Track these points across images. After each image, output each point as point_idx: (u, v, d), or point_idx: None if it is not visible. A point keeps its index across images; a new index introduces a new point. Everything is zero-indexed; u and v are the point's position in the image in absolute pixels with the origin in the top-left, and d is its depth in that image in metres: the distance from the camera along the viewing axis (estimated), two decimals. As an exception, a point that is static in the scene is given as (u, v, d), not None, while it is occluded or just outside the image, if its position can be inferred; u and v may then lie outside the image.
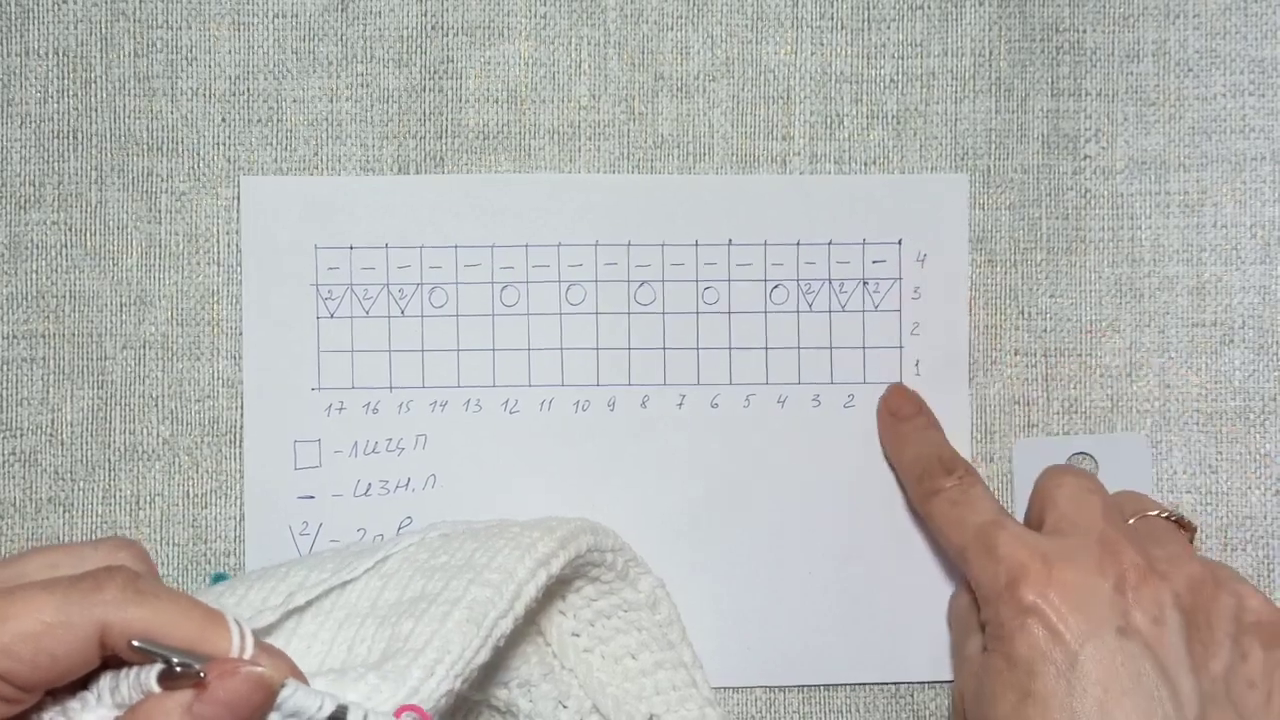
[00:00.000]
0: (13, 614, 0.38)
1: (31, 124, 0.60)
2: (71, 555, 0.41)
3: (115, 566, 0.40)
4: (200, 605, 0.39)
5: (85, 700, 0.40)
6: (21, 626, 0.37)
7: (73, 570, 0.40)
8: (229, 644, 0.39)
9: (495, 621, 0.47)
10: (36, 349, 0.60)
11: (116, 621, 0.38)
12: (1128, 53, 0.61)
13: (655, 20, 0.61)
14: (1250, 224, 0.61)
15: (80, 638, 0.38)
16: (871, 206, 0.61)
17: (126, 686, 0.39)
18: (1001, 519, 0.54)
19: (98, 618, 0.38)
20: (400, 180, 0.61)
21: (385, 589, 0.49)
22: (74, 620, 0.38)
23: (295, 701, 0.39)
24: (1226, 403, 0.61)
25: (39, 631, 0.37)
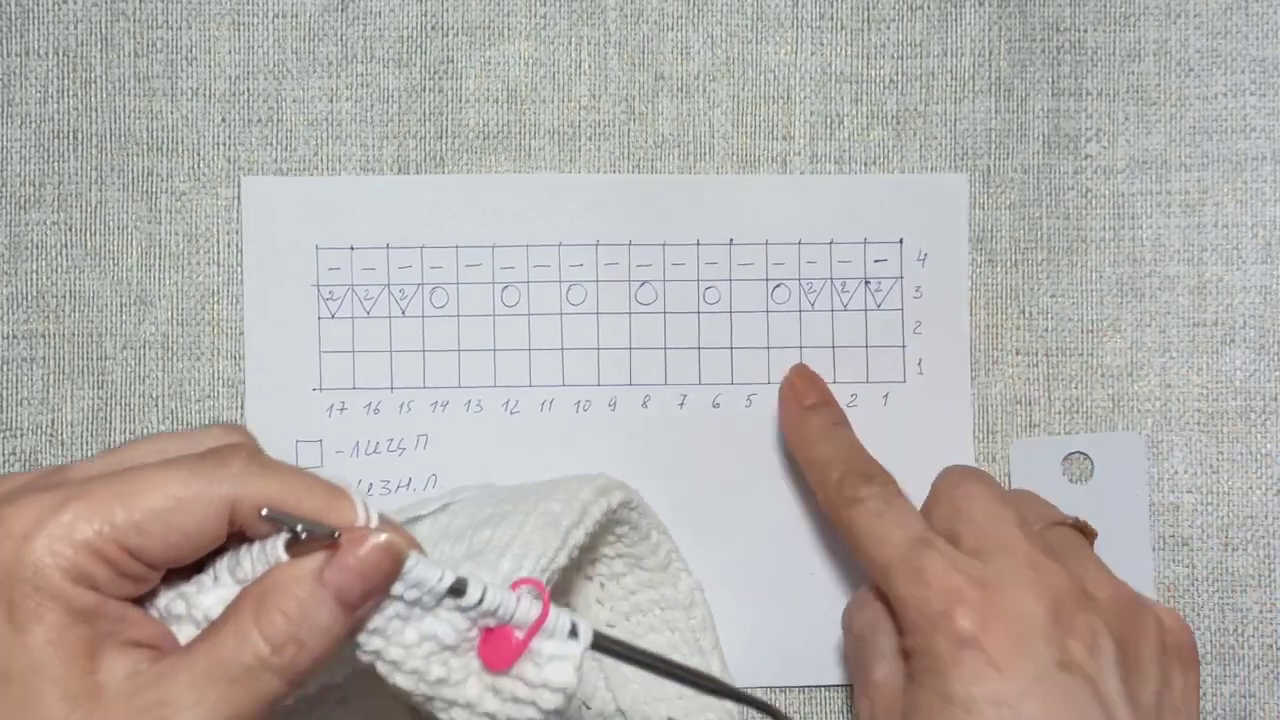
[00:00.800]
0: (140, 490, 0.38)
1: (31, 124, 0.60)
2: (181, 440, 0.41)
3: (235, 443, 0.40)
4: (323, 479, 0.40)
5: (202, 583, 0.40)
6: (151, 502, 0.37)
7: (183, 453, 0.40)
8: (354, 515, 0.39)
9: (569, 530, 0.47)
10: (36, 349, 0.60)
11: (244, 494, 0.38)
12: (1128, 52, 0.61)
13: (655, 20, 0.61)
14: (1251, 224, 0.61)
15: (210, 512, 0.38)
16: (872, 206, 0.61)
17: (249, 561, 0.39)
18: (928, 536, 0.50)
19: (226, 492, 0.38)
20: (400, 180, 0.61)
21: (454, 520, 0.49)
22: (203, 494, 0.38)
23: (418, 573, 0.39)
24: (1227, 402, 0.61)
25: (169, 507, 0.38)
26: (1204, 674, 0.61)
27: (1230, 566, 0.61)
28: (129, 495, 0.37)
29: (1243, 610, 0.61)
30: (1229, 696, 0.61)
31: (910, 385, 0.61)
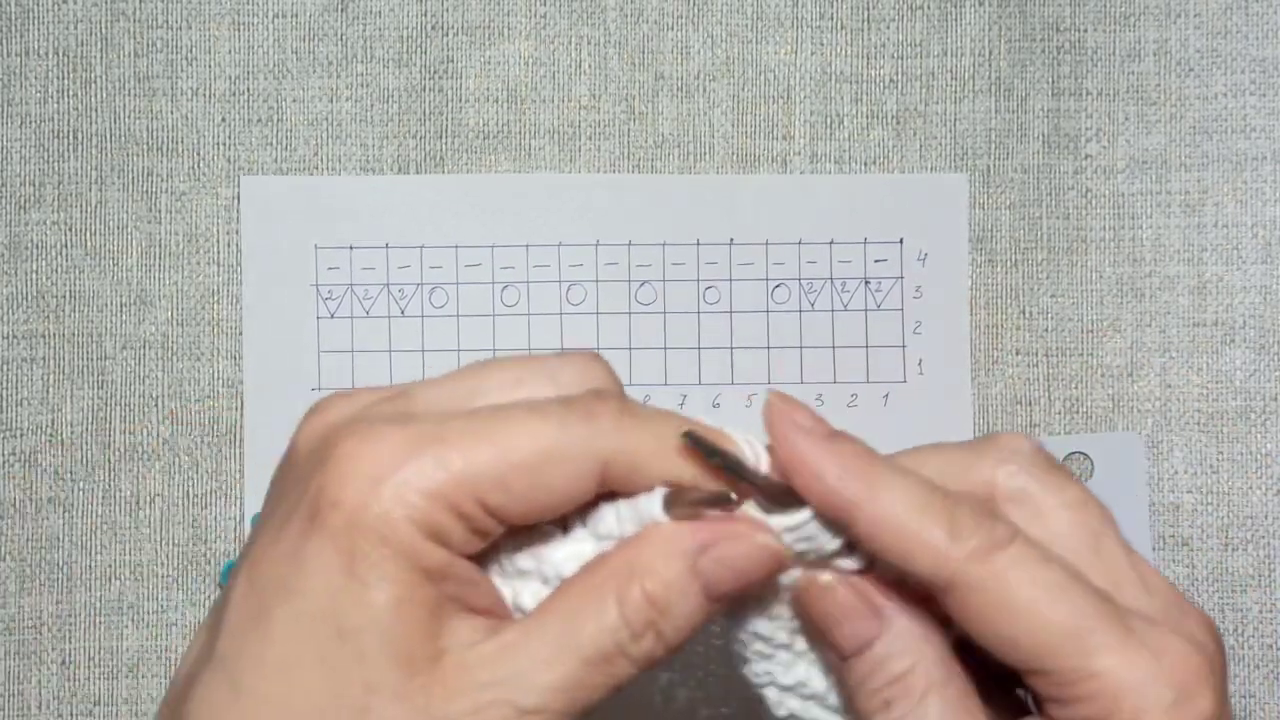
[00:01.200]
0: (508, 440, 0.33)
1: (31, 124, 0.60)
2: (536, 371, 0.36)
3: (602, 390, 0.35)
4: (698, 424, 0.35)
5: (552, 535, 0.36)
6: (519, 455, 0.33)
7: (541, 390, 0.35)
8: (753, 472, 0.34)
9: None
10: (36, 349, 0.60)
11: (619, 451, 0.34)
12: (1128, 52, 0.61)
13: (655, 20, 0.61)
14: (1251, 224, 0.61)
15: (582, 470, 0.34)
16: (872, 206, 0.61)
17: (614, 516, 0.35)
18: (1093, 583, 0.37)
19: (599, 447, 0.34)
20: (400, 180, 0.61)
21: None
22: (575, 449, 0.33)
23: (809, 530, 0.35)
24: (1227, 403, 0.61)
25: (538, 462, 0.33)
26: (1204, 674, 0.61)
27: (1230, 566, 0.61)
28: (495, 444, 0.33)
29: (1243, 610, 0.61)
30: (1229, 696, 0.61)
31: (910, 385, 0.61)
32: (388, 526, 0.32)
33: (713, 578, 0.34)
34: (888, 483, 0.34)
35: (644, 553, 0.34)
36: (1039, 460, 0.37)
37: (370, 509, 0.32)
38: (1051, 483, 0.37)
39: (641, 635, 0.34)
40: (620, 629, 0.34)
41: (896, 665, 0.35)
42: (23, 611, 0.59)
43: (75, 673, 0.60)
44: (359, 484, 0.33)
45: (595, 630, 0.34)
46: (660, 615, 0.34)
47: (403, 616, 0.33)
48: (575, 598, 0.34)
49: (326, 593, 0.33)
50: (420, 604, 0.33)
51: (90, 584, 0.60)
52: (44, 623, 0.60)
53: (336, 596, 0.33)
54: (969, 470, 0.37)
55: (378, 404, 0.35)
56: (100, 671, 0.60)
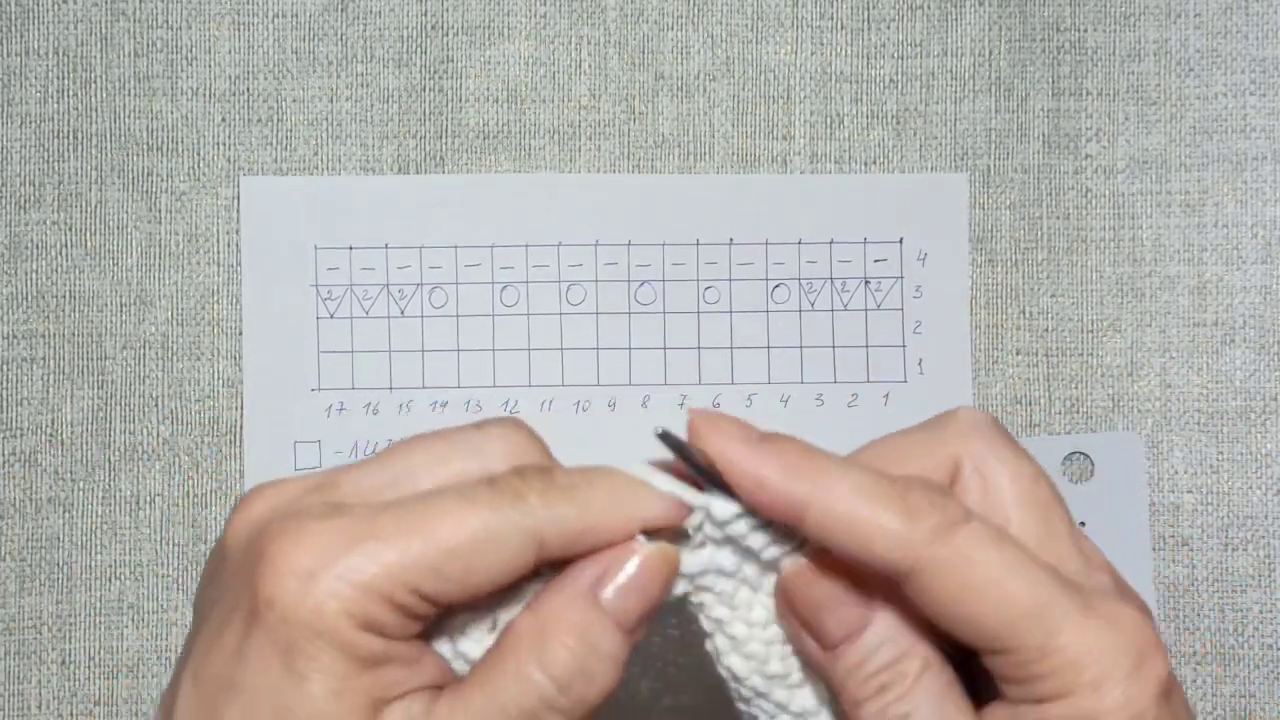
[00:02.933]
0: (435, 527, 0.34)
1: (31, 124, 0.60)
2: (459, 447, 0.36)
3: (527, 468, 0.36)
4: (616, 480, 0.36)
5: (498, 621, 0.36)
6: (450, 543, 0.33)
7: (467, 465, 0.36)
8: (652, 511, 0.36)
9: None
10: (36, 349, 0.60)
11: (550, 528, 0.34)
12: (1128, 52, 0.61)
13: (655, 20, 0.61)
14: (1251, 224, 0.61)
15: (513, 552, 0.34)
16: (872, 206, 0.61)
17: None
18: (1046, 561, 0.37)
19: (528, 529, 0.34)
20: (400, 180, 0.61)
21: None
22: (507, 532, 0.34)
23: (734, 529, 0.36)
24: (1227, 403, 0.61)
25: (470, 549, 0.34)
26: (1204, 674, 0.61)
27: (1230, 566, 0.61)
28: (425, 534, 0.34)
29: (1243, 610, 0.61)
30: (1229, 697, 0.61)
31: (910, 385, 0.61)
32: (321, 621, 0.33)
33: (619, 605, 0.35)
34: (833, 476, 0.34)
35: (548, 604, 0.35)
36: (994, 434, 0.37)
37: (304, 605, 0.33)
38: (1006, 456, 0.36)
39: (570, 686, 0.34)
40: (546, 686, 0.34)
41: (890, 651, 0.35)
42: (23, 611, 0.60)
43: (75, 673, 0.60)
44: (292, 582, 0.33)
45: (518, 693, 0.34)
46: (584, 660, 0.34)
47: (342, 708, 0.33)
48: (496, 665, 0.35)
49: (268, 689, 0.33)
50: (358, 693, 0.34)
51: (90, 584, 0.60)
52: (44, 623, 0.60)
53: (278, 692, 0.33)
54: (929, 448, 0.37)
55: (305, 496, 0.36)
56: (100, 671, 0.60)
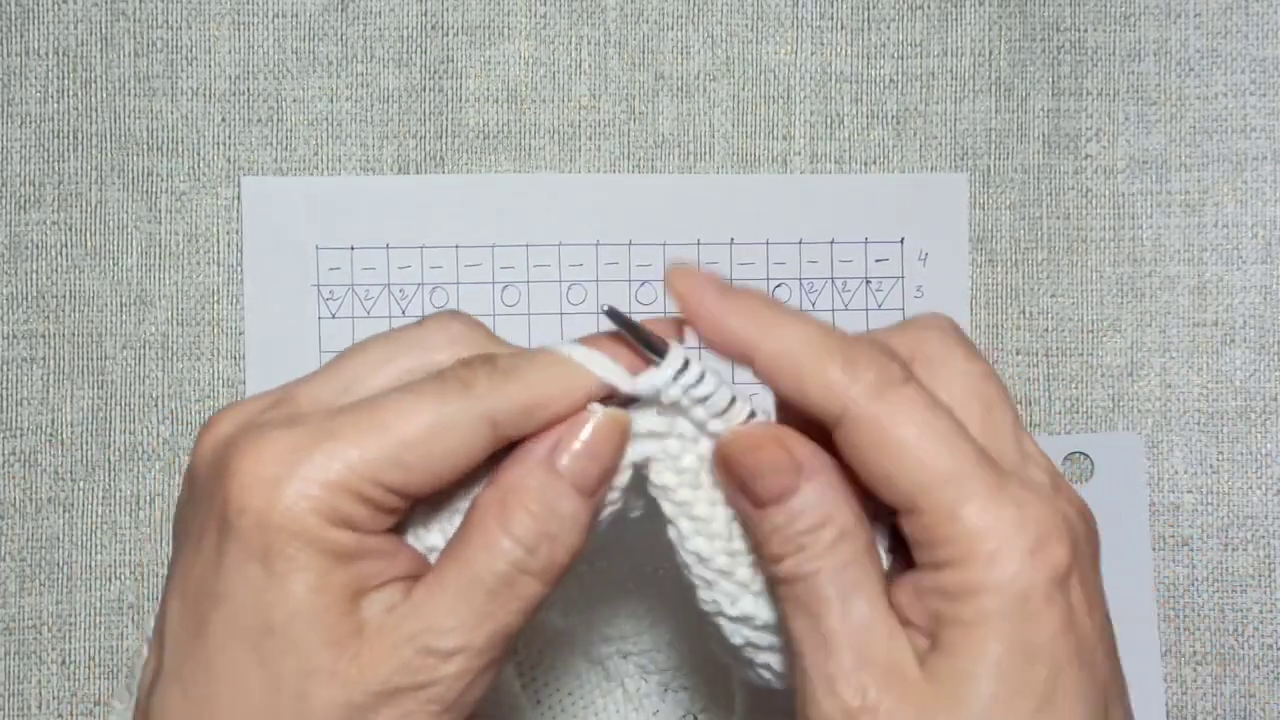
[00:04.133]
0: (391, 423, 0.35)
1: (32, 124, 0.60)
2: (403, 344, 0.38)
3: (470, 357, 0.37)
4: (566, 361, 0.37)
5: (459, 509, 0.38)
6: (406, 434, 0.35)
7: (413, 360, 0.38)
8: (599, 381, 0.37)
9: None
10: (36, 349, 0.60)
11: (500, 408, 0.36)
12: (1129, 52, 0.61)
13: (655, 20, 0.61)
14: (1251, 224, 0.61)
15: (470, 434, 0.36)
16: (873, 206, 0.61)
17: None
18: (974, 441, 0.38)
19: (480, 413, 0.36)
20: (401, 180, 0.61)
21: None
22: (459, 418, 0.36)
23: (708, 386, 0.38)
24: (1228, 403, 0.61)
25: (426, 436, 0.35)
26: (1204, 674, 0.61)
27: (1230, 566, 0.61)
28: (380, 427, 0.35)
29: (1243, 610, 0.61)
30: (1229, 697, 0.61)
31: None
32: (294, 522, 0.35)
33: (574, 469, 0.36)
34: (786, 323, 0.36)
35: (507, 475, 0.36)
36: (953, 334, 0.38)
37: (275, 509, 0.35)
38: (959, 354, 0.38)
39: (537, 548, 0.36)
40: (514, 550, 0.36)
41: (812, 515, 0.36)
42: (23, 611, 0.59)
43: (75, 673, 0.60)
44: (261, 488, 0.35)
45: (489, 561, 0.36)
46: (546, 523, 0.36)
47: (322, 603, 0.35)
48: (466, 540, 0.36)
49: (249, 593, 0.35)
50: (337, 586, 0.35)
51: (90, 584, 0.60)
52: (44, 622, 0.60)
53: (259, 595, 0.35)
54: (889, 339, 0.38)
55: (264, 411, 0.37)
56: (100, 671, 0.60)
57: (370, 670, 0.35)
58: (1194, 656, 0.61)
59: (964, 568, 0.34)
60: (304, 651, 0.35)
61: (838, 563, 0.36)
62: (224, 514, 0.35)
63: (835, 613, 0.36)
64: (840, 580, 0.36)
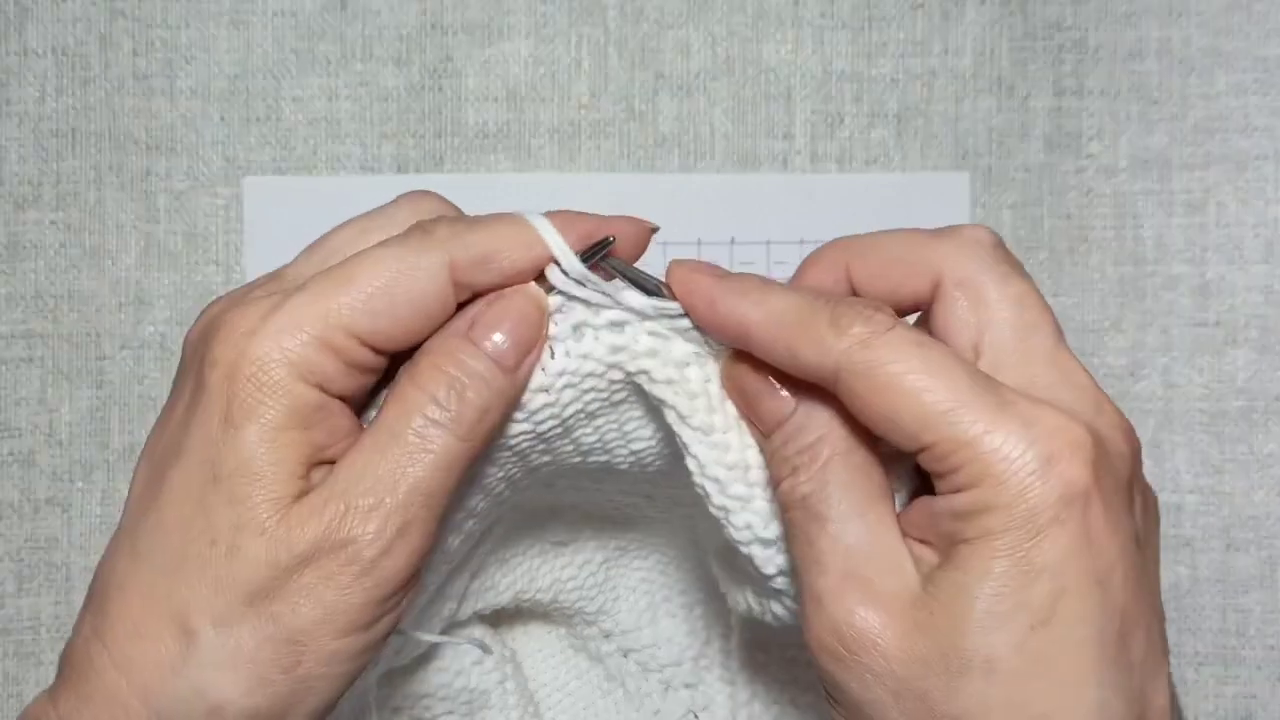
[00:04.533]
0: (358, 273, 0.37)
1: (29, 123, 0.60)
2: (376, 219, 0.40)
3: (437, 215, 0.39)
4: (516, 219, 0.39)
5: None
6: (372, 281, 0.37)
7: (386, 233, 0.39)
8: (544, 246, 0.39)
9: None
10: (34, 349, 0.60)
11: (459, 253, 0.37)
12: (1130, 51, 0.61)
13: (655, 19, 0.61)
14: (1254, 223, 0.61)
15: (432, 277, 0.37)
16: (874, 205, 0.61)
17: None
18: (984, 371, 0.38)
19: (441, 256, 0.37)
20: (401, 180, 0.60)
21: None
22: (421, 263, 0.37)
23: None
24: (1230, 403, 0.61)
25: (390, 281, 0.37)
26: (1206, 675, 0.61)
27: (1233, 567, 0.61)
28: (347, 279, 0.37)
29: (1245, 611, 0.61)
30: (1231, 698, 0.61)
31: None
32: (264, 372, 0.36)
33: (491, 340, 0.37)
34: (774, 296, 0.38)
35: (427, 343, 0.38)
36: (994, 252, 0.39)
37: (246, 358, 0.36)
38: (998, 274, 0.38)
39: (446, 400, 0.37)
40: (423, 400, 0.37)
41: (805, 437, 0.37)
42: (21, 612, 0.59)
43: (73, 674, 0.59)
44: (235, 340, 0.36)
45: (402, 414, 0.37)
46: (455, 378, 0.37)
47: (269, 457, 0.36)
48: (385, 403, 0.37)
49: (206, 443, 0.36)
50: (289, 445, 0.36)
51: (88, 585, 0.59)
52: (42, 623, 0.59)
53: (214, 445, 0.36)
54: (924, 251, 0.39)
55: (250, 288, 0.39)
56: (98, 673, 0.60)
57: (296, 531, 0.35)
58: (1196, 657, 0.61)
59: (978, 491, 0.35)
60: (242, 505, 0.36)
61: (831, 482, 0.37)
62: (199, 371, 0.36)
63: (827, 532, 0.36)
64: (833, 500, 0.36)
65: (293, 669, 0.36)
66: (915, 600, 0.35)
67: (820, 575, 0.36)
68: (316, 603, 0.35)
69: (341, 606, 0.36)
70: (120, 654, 0.36)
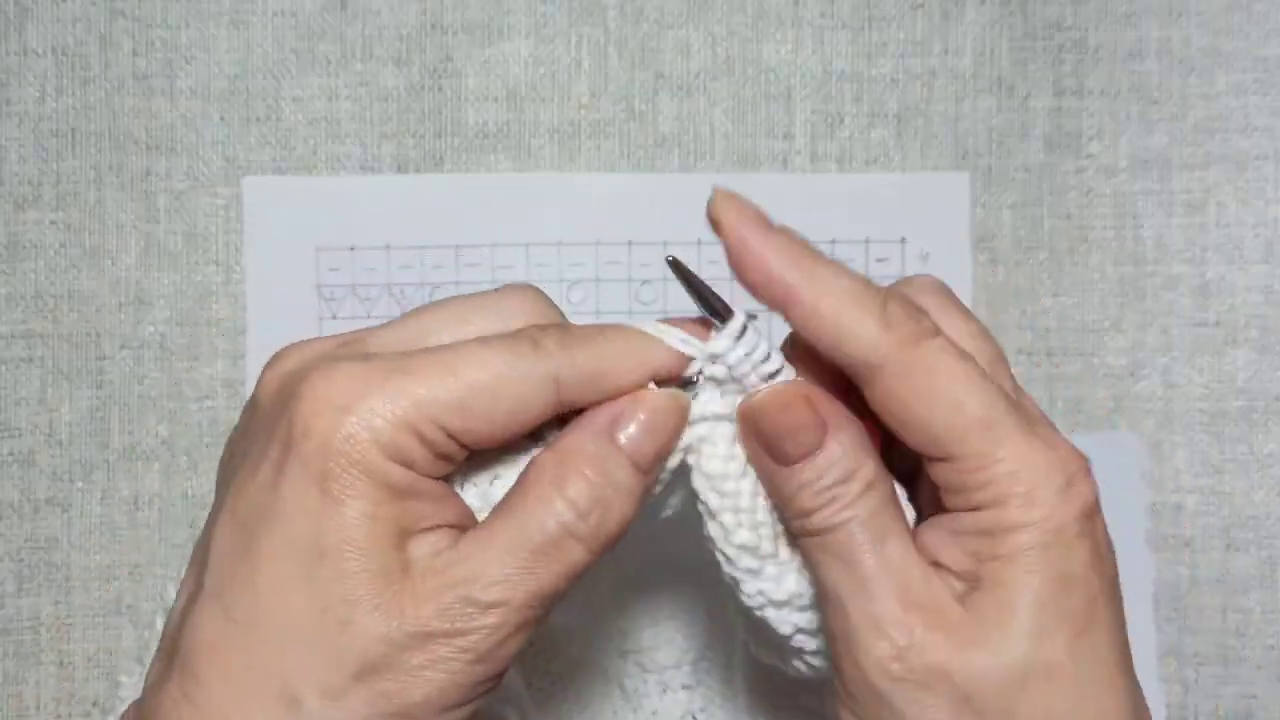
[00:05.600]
0: (463, 369, 0.36)
1: (30, 123, 0.60)
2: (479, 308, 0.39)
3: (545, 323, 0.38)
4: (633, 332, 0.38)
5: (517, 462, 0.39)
6: (475, 380, 0.36)
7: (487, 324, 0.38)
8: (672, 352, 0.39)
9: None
10: (34, 349, 0.60)
11: (566, 370, 0.37)
12: (1130, 51, 0.61)
13: (655, 19, 0.61)
14: (1254, 223, 0.61)
15: (535, 389, 0.37)
16: (874, 205, 0.61)
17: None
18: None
19: (548, 369, 0.37)
20: (400, 180, 0.60)
21: None
22: (526, 373, 0.36)
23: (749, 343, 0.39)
24: (1230, 403, 0.61)
25: (494, 386, 0.36)
26: (1206, 675, 0.61)
27: (1232, 567, 0.61)
28: (452, 373, 0.36)
29: (1245, 611, 0.61)
30: (1231, 698, 0.61)
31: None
32: (356, 449, 0.35)
33: (633, 442, 0.37)
34: (825, 273, 0.37)
35: (568, 440, 0.37)
36: (945, 296, 0.40)
37: (339, 433, 0.35)
38: (956, 314, 0.39)
39: (588, 513, 0.36)
40: (565, 512, 0.36)
41: (842, 467, 0.37)
42: (20, 612, 0.59)
43: (73, 673, 0.59)
44: (328, 413, 0.35)
45: (542, 519, 0.36)
46: (601, 490, 0.37)
47: (372, 533, 0.35)
48: (518, 495, 0.37)
49: (305, 515, 0.35)
50: (389, 520, 0.36)
51: (88, 585, 0.60)
52: (42, 623, 0.59)
53: (314, 518, 0.35)
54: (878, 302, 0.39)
55: (335, 349, 0.38)
56: (98, 672, 0.60)
57: (412, 609, 0.35)
58: (1196, 657, 0.61)
59: (1003, 509, 0.36)
60: (352, 579, 0.35)
61: (868, 511, 0.37)
62: (288, 436, 0.36)
63: (872, 558, 0.37)
64: (872, 527, 0.37)
65: None
66: (961, 618, 0.36)
67: (871, 599, 0.36)
68: (426, 683, 0.36)
69: (450, 688, 0.36)
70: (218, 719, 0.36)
